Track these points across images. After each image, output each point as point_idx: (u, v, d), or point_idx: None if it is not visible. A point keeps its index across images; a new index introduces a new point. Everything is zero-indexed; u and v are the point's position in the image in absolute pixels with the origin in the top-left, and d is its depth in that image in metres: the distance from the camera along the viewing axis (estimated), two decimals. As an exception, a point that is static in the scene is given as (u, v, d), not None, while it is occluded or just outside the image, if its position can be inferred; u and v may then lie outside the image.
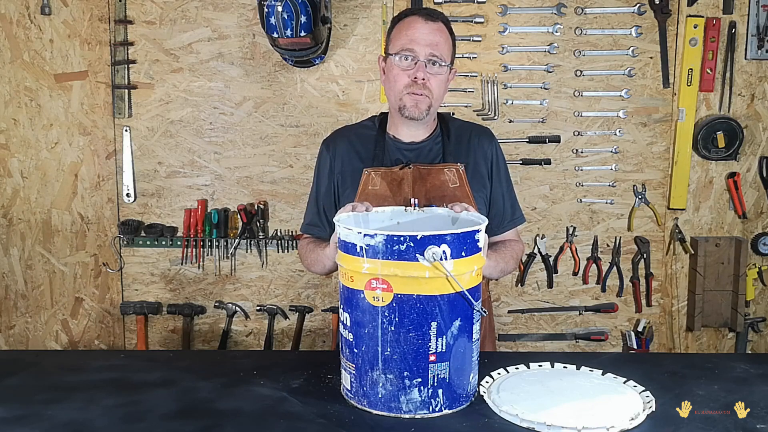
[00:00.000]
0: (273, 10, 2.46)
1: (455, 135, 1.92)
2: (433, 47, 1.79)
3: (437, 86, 1.81)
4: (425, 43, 1.78)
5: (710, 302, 2.98)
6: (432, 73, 1.79)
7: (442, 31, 1.82)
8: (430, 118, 1.88)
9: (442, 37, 1.81)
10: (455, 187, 1.83)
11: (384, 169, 1.85)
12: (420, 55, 1.78)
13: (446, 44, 1.82)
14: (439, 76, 1.81)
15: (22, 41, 2.87)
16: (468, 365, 1.41)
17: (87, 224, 2.98)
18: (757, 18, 2.85)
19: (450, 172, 1.84)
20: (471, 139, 1.93)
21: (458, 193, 1.83)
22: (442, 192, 1.82)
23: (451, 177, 1.84)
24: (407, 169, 1.83)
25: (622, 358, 2.02)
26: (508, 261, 1.87)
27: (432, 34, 1.79)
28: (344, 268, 1.41)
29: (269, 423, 1.35)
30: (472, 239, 1.38)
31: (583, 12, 2.85)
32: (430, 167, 1.85)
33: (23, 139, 2.93)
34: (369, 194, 1.83)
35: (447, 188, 1.83)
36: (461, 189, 1.83)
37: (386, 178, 1.84)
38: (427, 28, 1.79)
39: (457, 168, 1.85)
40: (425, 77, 1.78)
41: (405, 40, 1.79)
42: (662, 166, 2.95)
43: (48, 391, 1.51)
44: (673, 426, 1.33)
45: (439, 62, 1.79)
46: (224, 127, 2.93)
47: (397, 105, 1.84)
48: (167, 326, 3.04)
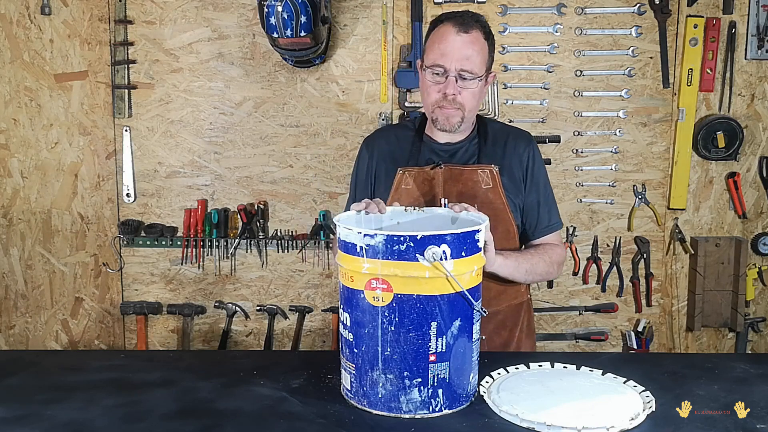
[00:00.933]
0: (273, 10, 2.46)
1: (492, 137, 1.91)
2: (464, 62, 1.75)
3: (470, 99, 1.80)
4: (456, 58, 1.75)
5: (710, 302, 2.98)
6: (463, 87, 1.78)
7: (475, 41, 1.77)
8: (466, 127, 1.88)
9: (475, 48, 1.77)
10: (488, 189, 1.82)
11: (417, 169, 1.85)
12: (450, 70, 1.76)
13: (479, 55, 1.78)
14: (470, 89, 1.78)
15: (22, 41, 2.87)
16: (468, 365, 1.41)
17: (87, 224, 2.98)
18: (757, 18, 2.85)
19: (483, 173, 1.83)
20: (507, 142, 1.91)
21: (491, 195, 1.82)
22: (474, 193, 1.81)
23: (484, 178, 1.83)
24: (438, 169, 1.83)
25: (622, 358, 2.02)
26: (537, 263, 1.84)
27: (464, 47, 1.76)
28: (344, 268, 1.41)
29: (269, 423, 1.35)
30: (472, 239, 1.38)
31: (583, 12, 2.85)
32: (463, 168, 1.84)
33: (23, 139, 2.93)
34: (401, 193, 1.84)
35: (479, 189, 1.82)
36: (494, 191, 1.82)
37: (418, 178, 1.84)
38: (459, 41, 1.76)
39: (491, 169, 1.84)
40: (455, 92, 1.77)
41: (437, 54, 1.77)
42: (662, 166, 2.95)
43: (48, 391, 1.51)
44: (673, 426, 1.33)
45: (470, 76, 1.77)
46: (224, 127, 2.93)
47: (430, 117, 1.85)
48: (167, 326, 3.04)
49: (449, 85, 1.77)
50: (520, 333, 1.94)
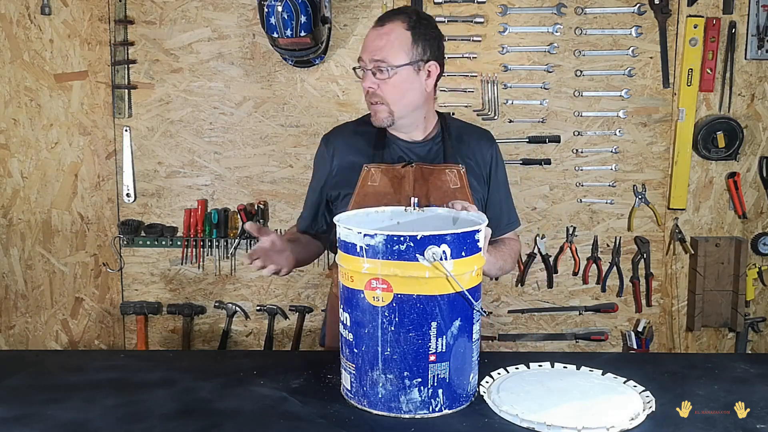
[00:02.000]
0: (273, 10, 2.46)
1: (456, 135, 1.90)
2: (376, 52, 1.74)
3: (390, 92, 1.76)
4: (369, 50, 1.75)
5: (710, 302, 2.98)
6: (380, 79, 1.75)
7: (390, 32, 1.75)
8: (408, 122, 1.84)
9: (390, 38, 1.74)
10: (456, 189, 1.82)
11: (385, 166, 1.83)
12: (366, 63, 1.76)
13: (394, 45, 1.74)
14: (389, 80, 1.74)
15: (22, 41, 2.87)
16: (468, 365, 1.41)
17: (87, 224, 2.98)
18: (757, 18, 2.85)
19: (452, 173, 1.83)
20: (471, 140, 1.91)
21: (459, 195, 1.81)
22: (443, 192, 1.81)
23: (453, 178, 1.83)
24: (410, 167, 1.82)
25: (622, 358, 2.02)
26: (507, 259, 1.87)
27: (377, 38, 1.75)
28: (344, 268, 1.41)
29: (269, 423, 1.35)
30: (472, 239, 1.38)
31: (583, 12, 2.85)
32: (433, 167, 1.83)
33: (23, 139, 2.93)
34: (368, 191, 1.82)
35: (448, 189, 1.82)
36: (462, 191, 1.83)
37: (387, 174, 1.82)
38: (374, 33, 1.76)
39: (459, 169, 1.84)
40: (371, 85, 1.76)
41: (361, 51, 1.79)
42: (662, 166, 2.95)
43: (48, 391, 1.51)
44: (673, 426, 1.33)
45: (384, 66, 1.73)
46: (224, 127, 2.93)
47: None
48: (167, 326, 3.04)
49: (365, 79, 1.77)
50: None
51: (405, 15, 1.78)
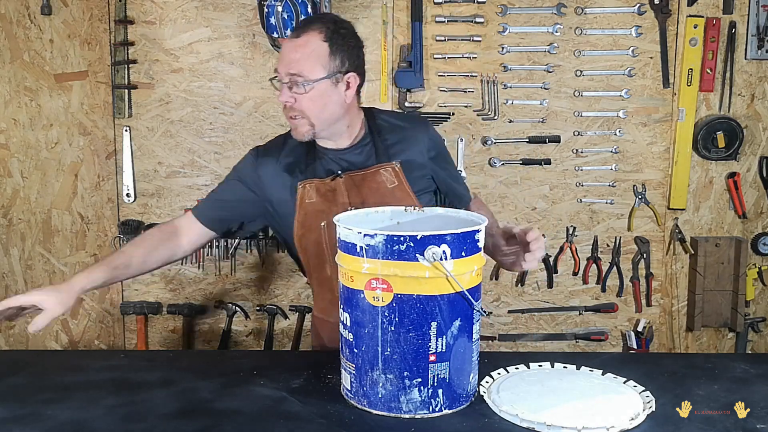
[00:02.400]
0: (273, 10, 2.46)
1: (387, 132, 1.85)
2: (291, 66, 1.68)
3: (309, 106, 1.71)
4: (284, 64, 1.70)
5: (710, 302, 2.98)
6: (297, 93, 1.69)
7: (306, 44, 1.69)
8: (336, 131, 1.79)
9: (305, 51, 1.68)
10: (394, 187, 1.78)
11: (317, 181, 1.78)
12: (282, 77, 1.70)
13: (311, 58, 1.68)
14: (305, 95, 1.69)
15: (22, 41, 2.87)
16: (468, 365, 1.41)
17: (87, 224, 2.98)
18: (757, 18, 2.85)
19: (386, 172, 1.78)
20: (404, 132, 1.85)
21: (398, 194, 1.77)
22: (381, 195, 1.76)
23: (388, 177, 1.78)
24: (339, 179, 1.77)
25: (622, 358, 2.02)
26: None
27: (292, 51, 1.69)
28: (344, 268, 1.41)
29: (269, 423, 1.35)
30: (472, 239, 1.38)
31: (583, 12, 2.85)
32: (364, 172, 1.78)
33: (23, 139, 2.93)
34: (307, 209, 1.79)
35: (385, 189, 1.77)
36: (401, 188, 1.79)
37: (320, 190, 1.78)
38: (290, 45, 1.70)
39: (393, 167, 1.79)
40: (288, 100, 1.70)
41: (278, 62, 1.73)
42: (662, 166, 2.95)
43: (48, 391, 1.51)
44: (673, 426, 1.33)
45: (301, 80, 1.68)
46: (224, 127, 2.93)
47: None
48: (167, 326, 3.04)
49: (282, 93, 1.71)
50: None
51: (321, 24, 1.71)
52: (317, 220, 1.76)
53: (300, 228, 1.82)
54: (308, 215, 1.79)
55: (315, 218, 1.77)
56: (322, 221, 1.75)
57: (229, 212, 1.89)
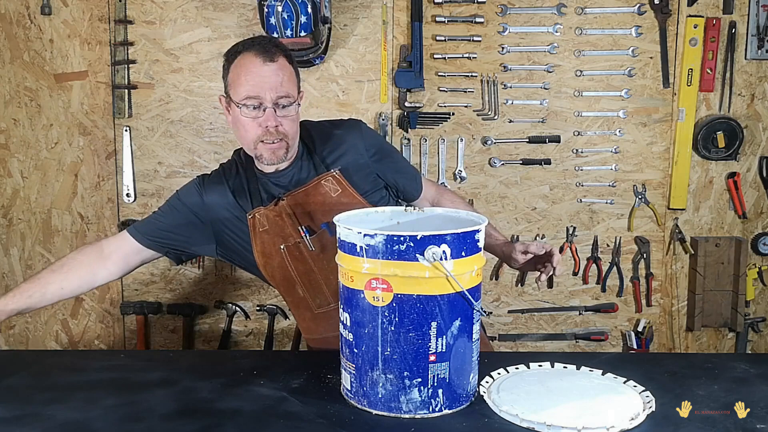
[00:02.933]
0: (273, 10, 2.46)
1: (321, 142, 1.84)
2: (278, 88, 1.68)
3: (291, 126, 1.72)
4: (270, 87, 1.67)
5: (710, 302, 2.98)
6: (283, 116, 1.70)
7: (283, 67, 1.70)
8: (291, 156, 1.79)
9: (285, 74, 1.70)
10: (339, 195, 1.77)
11: (263, 209, 1.78)
12: (267, 101, 1.67)
13: (291, 80, 1.71)
14: (290, 116, 1.71)
15: (22, 41, 2.87)
16: (468, 365, 1.41)
17: (87, 224, 2.98)
18: (757, 18, 2.85)
19: (327, 182, 1.77)
20: (339, 138, 1.85)
21: (344, 200, 1.77)
22: (326, 205, 1.76)
23: (331, 186, 1.78)
24: (282, 201, 1.77)
25: (622, 358, 2.02)
26: None
27: (274, 74, 1.68)
28: (344, 268, 1.41)
29: (269, 423, 1.35)
30: (472, 239, 1.38)
31: (583, 12, 2.85)
32: (305, 188, 1.78)
33: (23, 139, 2.93)
34: (262, 237, 1.79)
35: (330, 199, 1.77)
36: (345, 194, 1.78)
37: (269, 216, 1.78)
38: (269, 69, 1.68)
39: (333, 175, 1.78)
40: (276, 123, 1.69)
41: (248, 87, 1.67)
42: (662, 166, 2.95)
43: (48, 391, 1.51)
44: (673, 426, 1.33)
45: (288, 102, 1.70)
46: (224, 127, 2.93)
47: (253, 154, 1.77)
48: (167, 326, 3.04)
49: (269, 117, 1.68)
50: None
51: (281, 49, 1.73)
52: (275, 245, 1.76)
53: (261, 257, 1.81)
54: (265, 243, 1.79)
55: (272, 244, 1.77)
56: (280, 245, 1.75)
57: (172, 233, 1.85)
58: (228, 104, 1.76)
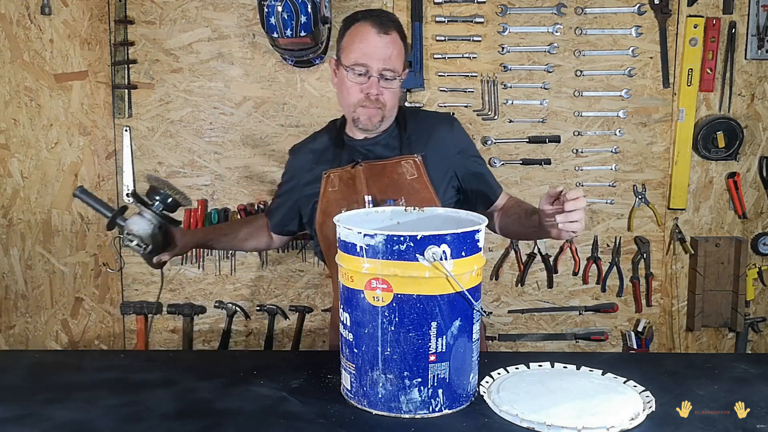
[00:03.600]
0: (273, 10, 2.46)
1: (413, 127, 1.92)
2: (386, 61, 1.79)
3: (391, 98, 1.83)
4: (378, 58, 1.78)
5: (710, 302, 2.98)
6: (385, 87, 1.80)
7: (395, 42, 1.81)
8: (384, 127, 1.89)
9: (395, 48, 1.81)
10: (413, 179, 1.84)
11: (339, 170, 1.88)
12: (373, 70, 1.79)
13: (399, 55, 1.82)
14: (392, 88, 1.82)
15: (22, 41, 2.87)
16: (468, 365, 1.41)
17: (87, 224, 2.98)
18: (757, 18, 2.85)
19: (407, 164, 1.85)
20: (429, 129, 1.93)
21: (416, 185, 1.83)
22: (399, 185, 1.83)
23: (408, 169, 1.85)
24: (359, 167, 1.86)
25: (622, 358, 2.02)
26: None
27: (385, 47, 1.79)
28: (344, 268, 1.41)
29: (269, 423, 1.36)
30: (472, 239, 1.38)
31: (583, 12, 2.85)
32: (384, 162, 1.86)
33: (23, 139, 2.93)
34: (329, 196, 1.88)
35: (404, 181, 1.84)
36: (419, 180, 1.84)
37: (343, 178, 1.87)
38: (381, 41, 1.79)
39: (414, 159, 1.85)
40: (378, 92, 1.80)
41: (358, 54, 1.79)
42: (662, 166, 2.95)
43: (48, 391, 1.51)
44: (673, 426, 1.33)
45: (392, 75, 1.80)
46: (224, 127, 2.93)
47: (351, 116, 1.87)
48: (167, 326, 3.04)
49: (372, 85, 1.79)
50: None
51: (396, 23, 1.84)
52: (337, 208, 1.81)
53: (321, 215, 1.89)
54: (330, 203, 1.86)
55: (335, 206, 1.83)
56: (342, 207, 1.81)
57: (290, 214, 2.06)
58: (337, 66, 1.87)
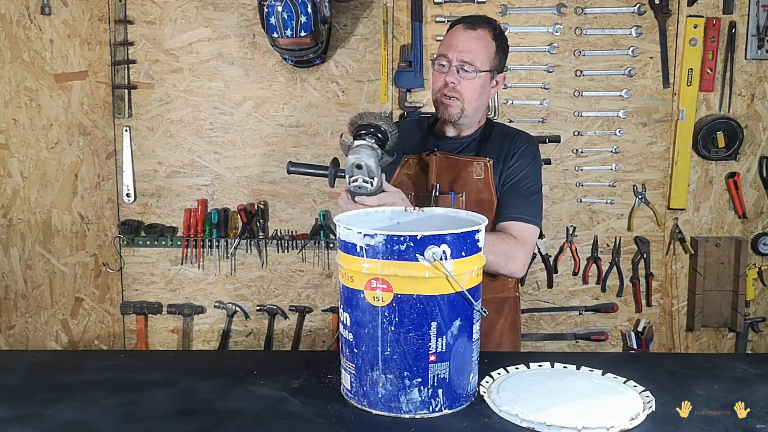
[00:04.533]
0: (273, 10, 2.46)
1: (495, 137, 2.01)
2: (465, 53, 1.88)
3: (469, 91, 1.90)
4: (458, 49, 1.89)
5: (710, 302, 2.98)
6: (462, 77, 1.89)
7: (480, 38, 1.90)
8: (470, 121, 1.98)
9: (479, 44, 1.89)
10: (479, 179, 1.92)
11: (416, 157, 2.00)
12: (452, 60, 1.89)
13: (483, 51, 1.89)
14: (470, 81, 1.89)
15: (22, 41, 2.87)
16: (468, 365, 1.41)
17: (87, 224, 2.98)
18: (757, 18, 2.85)
19: (478, 164, 1.94)
20: (505, 139, 1.99)
21: (481, 185, 1.91)
22: (465, 182, 1.92)
23: (477, 169, 1.93)
24: (434, 155, 1.96)
25: (622, 358, 2.02)
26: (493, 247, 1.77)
27: (467, 41, 1.89)
28: (344, 268, 1.41)
29: (269, 423, 1.35)
30: (472, 239, 1.38)
31: (583, 12, 2.85)
32: (458, 157, 1.96)
33: (23, 139, 2.93)
34: (401, 177, 2.00)
35: (470, 179, 1.92)
36: (485, 182, 1.92)
37: (419, 163, 1.99)
38: (465, 35, 1.90)
39: (485, 161, 1.94)
40: (454, 80, 1.89)
41: (443, 47, 1.93)
42: (662, 166, 2.95)
43: (48, 391, 1.51)
44: (673, 426, 1.33)
45: (470, 68, 1.87)
46: (224, 127, 2.93)
47: (435, 105, 1.98)
48: (167, 326, 3.04)
49: (450, 73, 1.89)
50: (502, 327, 2.00)
51: (491, 25, 1.94)
52: (407, 190, 1.91)
53: None
54: (401, 184, 1.94)
55: (406, 187, 1.93)
56: (411, 191, 1.93)
57: None
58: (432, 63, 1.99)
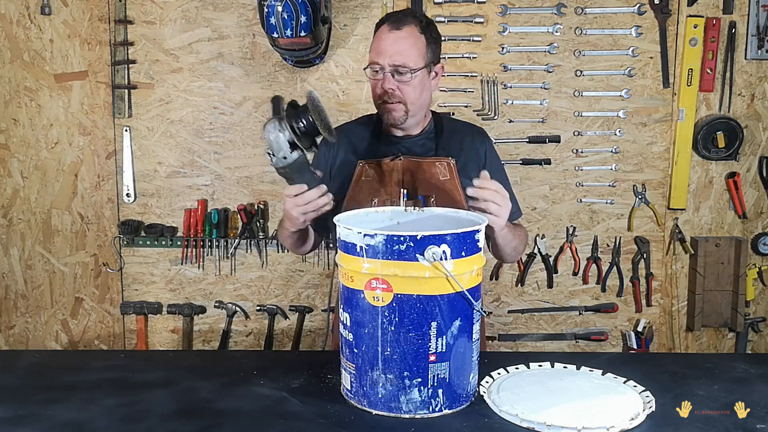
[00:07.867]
0: (273, 10, 2.46)
1: (448, 132, 1.97)
2: (395, 56, 1.80)
3: (409, 92, 1.84)
4: (388, 54, 1.81)
5: (710, 302, 2.98)
6: (400, 81, 1.82)
7: (408, 36, 1.82)
8: (416, 121, 1.92)
9: (408, 42, 1.81)
10: (445, 180, 1.88)
11: (377, 161, 1.92)
12: (385, 66, 1.82)
13: (413, 48, 1.82)
14: (408, 83, 1.83)
15: (22, 41, 2.87)
16: (468, 365, 1.41)
17: (87, 224, 2.98)
18: (757, 18, 2.85)
19: (441, 165, 1.90)
20: (464, 137, 1.97)
21: (448, 186, 1.87)
22: (432, 184, 1.87)
23: (441, 170, 1.89)
24: (398, 161, 1.89)
25: (622, 358, 2.02)
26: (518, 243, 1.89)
27: (395, 43, 1.81)
28: (344, 268, 1.41)
29: (269, 423, 1.35)
30: (472, 239, 1.38)
31: (583, 12, 2.85)
32: (421, 160, 1.90)
33: (23, 139, 2.93)
34: (362, 185, 1.91)
35: (437, 180, 1.88)
36: (451, 182, 1.88)
37: (378, 169, 1.91)
38: (392, 37, 1.81)
39: (448, 162, 1.90)
40: (392, 87, 1.82)
41: (373, 53, 1.84)
42: (662, 166, 2.95)
43: (48, 391, 1.51)
44: (673, 426, 1.33)
45: (404, 70, 1.81)
46: (224, 127, 2.93)
47: (378, 110, 1.91)
48: (167, 326, 3.04)
49: (386, 80, 1.83)
50: None
51: (416, 18, 1.85)
52: (369, 196, 1.86)
53: (350, 202, 1.91)
54: (362, 191, 1.90)
55: (367, 194, 1.88)
56: (373, 197, 1.86)
57: None
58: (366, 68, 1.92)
